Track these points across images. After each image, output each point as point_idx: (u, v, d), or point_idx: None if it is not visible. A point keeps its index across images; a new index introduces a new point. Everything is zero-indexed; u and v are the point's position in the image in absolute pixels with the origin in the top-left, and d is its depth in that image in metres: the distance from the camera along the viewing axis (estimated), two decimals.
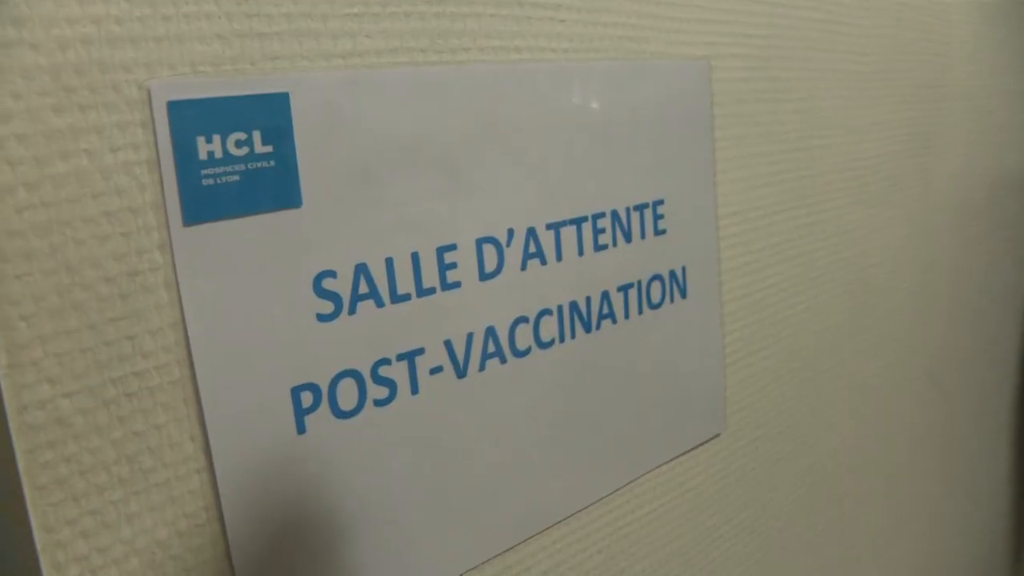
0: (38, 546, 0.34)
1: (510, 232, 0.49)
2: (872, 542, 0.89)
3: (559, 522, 0.54)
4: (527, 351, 0.51)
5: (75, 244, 0.35)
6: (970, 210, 0.98)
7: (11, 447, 0.33)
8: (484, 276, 0.48)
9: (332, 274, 0.42)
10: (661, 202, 0.58)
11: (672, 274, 0.59)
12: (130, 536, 0.37)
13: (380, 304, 0.44)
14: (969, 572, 1.14)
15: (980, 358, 1.08)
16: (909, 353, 0.90)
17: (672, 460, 0.62)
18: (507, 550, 0.52)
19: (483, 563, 0.51)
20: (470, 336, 0.48)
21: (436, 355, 0.46)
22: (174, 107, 0.36)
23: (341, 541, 0.44)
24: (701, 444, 0.64)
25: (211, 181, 0.38)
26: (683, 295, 0.61)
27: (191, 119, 0.37)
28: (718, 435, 0.65)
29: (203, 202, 0.37)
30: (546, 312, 0.52)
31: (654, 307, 0.58)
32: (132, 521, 0.37)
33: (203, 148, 0.37)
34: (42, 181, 0.34)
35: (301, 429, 0.41)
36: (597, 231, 0.54)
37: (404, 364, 0.45)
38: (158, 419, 0.38)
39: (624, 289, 0.56)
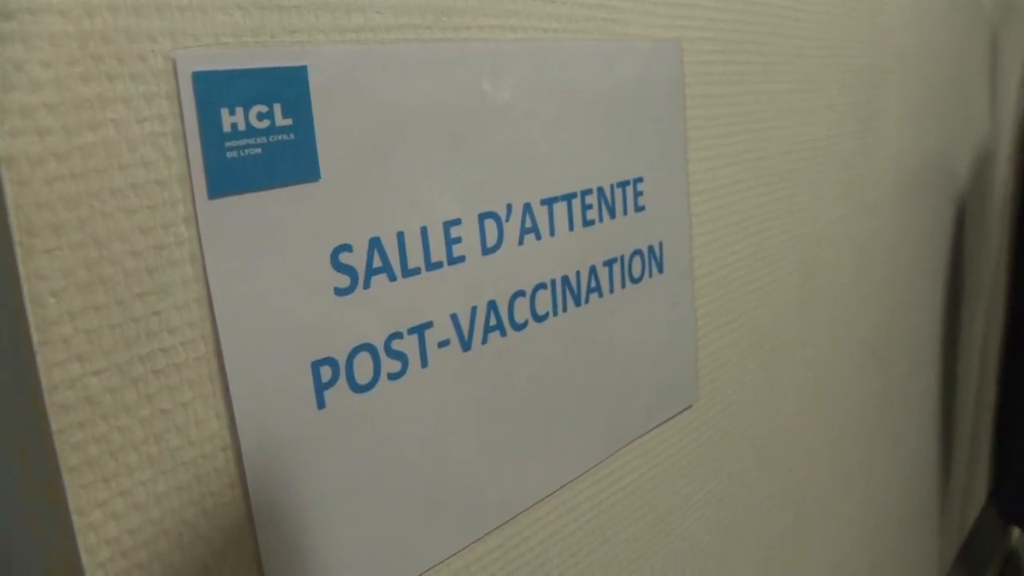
0: (75, 529, 0.34)
1: (508, 207, 0.51)
2: (821, 505, 0.95)
3: (551, 494, 0.56)
4: (524, 324, 0.53)
5: (103, 217, 0.34)
6: (902, 191, 1.05)
7: (47, 429, 0.33)
8: (486, 251, 0.50)
9: (348, 248, 0.42)
10: (640, 179, 0.60)
11: (651, 249, 0.62)
12: (159, 517, 0.37)
13: (392, 278, 0.45)
14: (901, 524, 1.23)
15: (910, 330, 1.16)
16: (851, 327, 0.96)
17: (651, 431, 0.65)
18: (507, 521, 0.53)
19: (486, 534, 0.52)
20: (474, 310, 0.49)
21: (444, 329, 0.48)
22: (199, 78, 0.36)
23: (359, 514, 0.44)
24: (675, 415, 0.67)
25: (235, 154, 0.38)
26: (660, 270, 0.63)
27: (215, 91, 0.37)
28: (690, 406, 0.69)
29: (227, 175, 0.38)
30: (541, 286, 0.53)
31: (635, 281, 0.61)
32: (161, 502, 0.37)
33: (227, 120, 0.37)
34: (71, 152, 0.33)
35: (321, 404, 0.42)
36: (585, 207, 0.56)
37: (415, 338, 0.46)
38: (184, 396, 0.37)
39: (609, 264, 0.58)
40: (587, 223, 0.56)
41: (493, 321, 0.50)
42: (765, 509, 0.82)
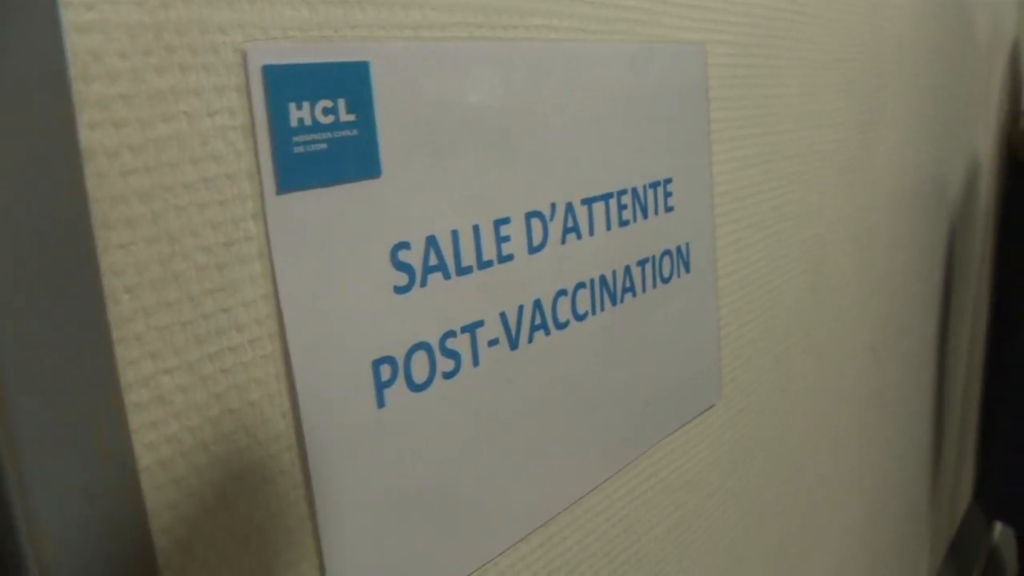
0: (152, 531, 0.32)
1: (553, 207, 0.50)
2: (826, 504, 0.95)
3: (589, 492, 0.56)
4: (566, 324, 0.52)
5: (176, 211, 0.33)
6: (899, 193, 1.06)
7: (125, 427, 0.31)
8: (532, 249, 0.49)
9: (407, 246, 0.41)
10: (670, 180, 0.60)
11: (679, 249, 0.62)
12: (228, 521, 0.36)
13: (447, 276, 0.44)
14: (897, 522, 1.24)
15: (907, 330, 1.17)
16: (854, 327, 0.96)
17: (678, 430, 0.64)
18: (548, 521, 0.53)
19: (530, 533, 0.51)
20: (521, 308, 0.48)
21: (494, 327, 0.47)
22: (269, 71, 0.35)
23: (415, 512, 0.43)
24: (700, 414, 0.67)
25: (302, 149, 0.37)
26: (687, 270, 0.63)
27: (284, 85, 0.36)
28: (713, 405, 0.68)
29: (295, 170, 0.36)
30: (581, 285, 0.53)
31: (665, 281, 0.61)
32: (230, 505, 0.36)
33: (294, 115, 0.36)
34: (146, 144, 0.32)
35: (381, 403, 0.41)
36: (621, 207, 0.56)
37: (467, 336, 0.45)
38: (252, 396, 0.36)
39: (642, 263, 0.58)
40: (622, 223, 0.56)
41: (538, 320, 0.50)
42: (777, 508, 0.82)
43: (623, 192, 0.55)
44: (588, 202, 0.52)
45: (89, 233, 0.29)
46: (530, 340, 0.49)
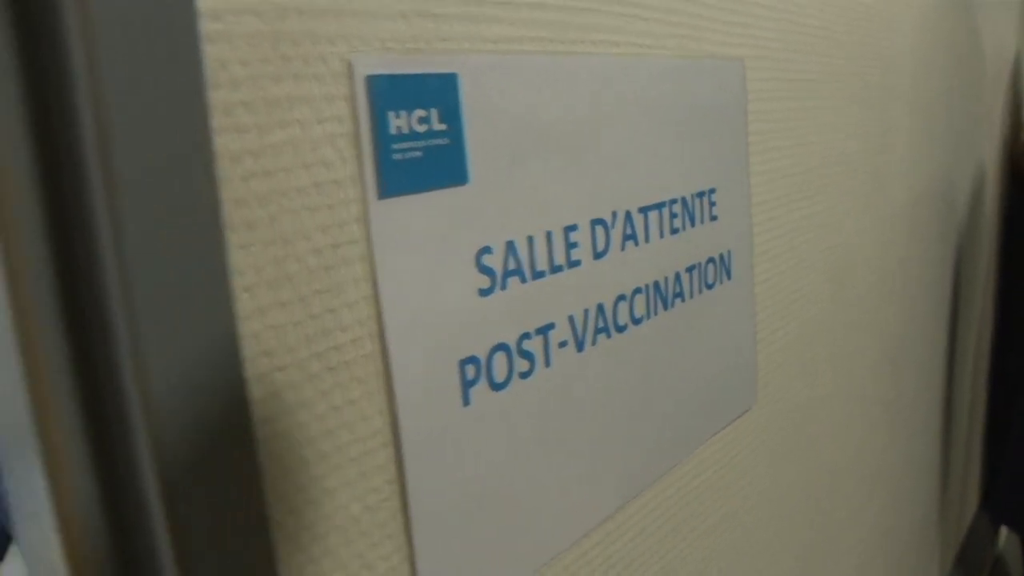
0: (269, 520, 0.33)
1: (614, 214, 0.51)
2: (847, 509, 0.96)
3: (642, 492, 0.57)
4: (625, 327, 0.53)
5: (289, 214, 0.34)
6: (911, 204, 1.08)
7: (254, 426, 0.32)
8: (596, 255, 0.50)
9: (490, 250, 0.42)
10: (714, 190, 0.61)
11: (721, 257, 0.63)
12: (330, 512, 0.36)
13: (524, 280, 0.45)
14: (911, 529, 1.25)
15: (918, 339, 1.19)
16: (871, 336, 0.98)
17: (721, 431, 0.65)
18: (606, 519, 0.53)
19: (592, 529, 0.52)
20: (587, 312, 0.49)
21: (563, 330, 0.48)
22: (372, 81, 0.36)
23: (496, 508, 0.44)
24: (739, 417, 0.68)
25: (400, 156, 0.38)
26: (728, 277, 0.64)
27: (385, 94, 0.37)
28: (750, 408, 0.70)
29: (394, 177, 0.37)
30: (638, 290, 0.54)
31: (709, 287, 0.62)
32: (332, 496, 0.36)
33: (394, 123, 0.37)
34: (264, 149, 0.33)
35: (466, 402, 0.42)
36: (672, 215, 0.57)
37: (541, 338, 0.46)
38: (352, 394, 0.37)
39: (690, 270, 0.59)
40: (673, 231, 0.57)
41: (601, 323, 0.51)
42: (803, 513, 0.83)
43: (674, 201, 0.57)
44: (644, 210, 0.54)
45: (221, 235, 0.30)
46: (594, 343, 0.50)
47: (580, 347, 0.49)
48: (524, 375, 0.45)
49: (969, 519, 1.60)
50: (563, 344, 0.47)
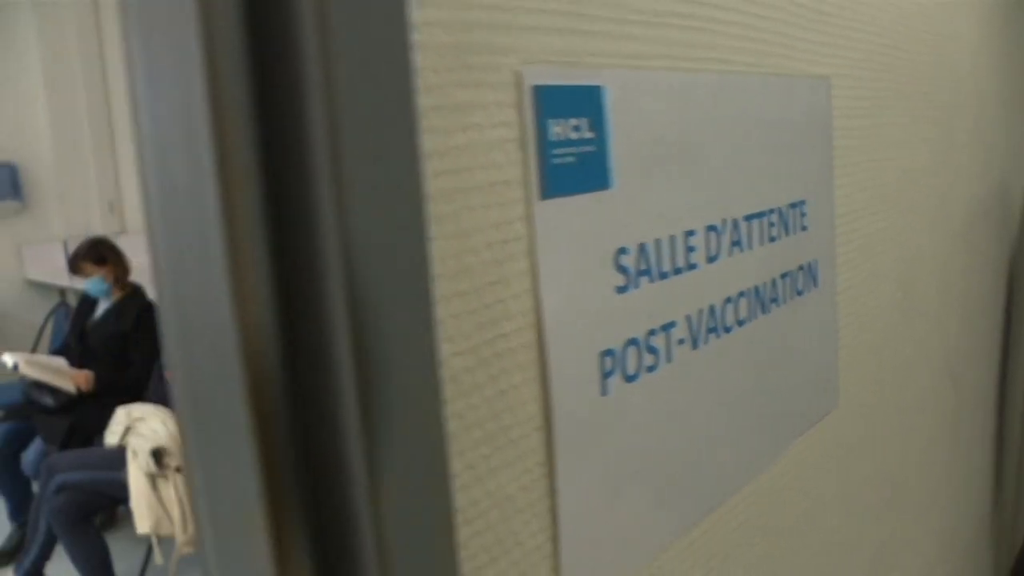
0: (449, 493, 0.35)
1: (724, 222, 0.53)
2: (913, 514, 0.97)
3: (742, 487, 0.58)
4: (730, 328, 0.55)
5: (468, 211, 0.36)
6: (971, 218, 1.10)
7: (442, 408, 0.34)
8: (710, 259, 0.52)
9: (626, 251, 0.45)
10: (804, 202, 0.63)
11: (810, 265, 0.65)
12: (493, 489, 0.38)
13: (652, 280, 0.47)
14: (970, 537, 1.25)
15: (977, 351, 1.20)
16: (934, 347, 0.99)
17: (808, 431, 0.67)
18: (717, 506, 0.55)
19: (704, 516, 0.54)
20: (701, 312, 0.51)
21: (682, 328, 0.50)
22: (538, 91, 0.39)
23: (628, 490, 0.46)
24: (823, 417, 0.70)
25: (559, 161, 0.40)
26: (816, 285, 0.66)
27: (547, 103, 0.39)
28: (833, 410, 0.71)
29: (554, 179, 0.40)
30: (742, 294, 0.56)
31: (799, 294, 0.64)
32: (495, 475, 0.38)
33: (554, 130, 0.40)
34: (449, 150, 0.35)
35: (605, 391, 0.44)
36: (770, 224, 0.59)
37: (664, 335, 0.48)
38: (514, 379, 0.39)
39: (784, 277, 0.61)
40: (771, 239, 0.59)
41: (712, 323, 0.53)
42: (873, 514, 0.84)
43: (772, 211, 0.59)
44: (749, 219, 0.56)
45: (424, 228, 0.33)
46: (706, 341, 0.52)
47: (695, 345, 0.51)
48: (650, 369, 0.47)
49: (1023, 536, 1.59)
50: (681, 342, 0.49)
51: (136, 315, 2.16)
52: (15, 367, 2.06)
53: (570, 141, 0.40)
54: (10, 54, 2.76)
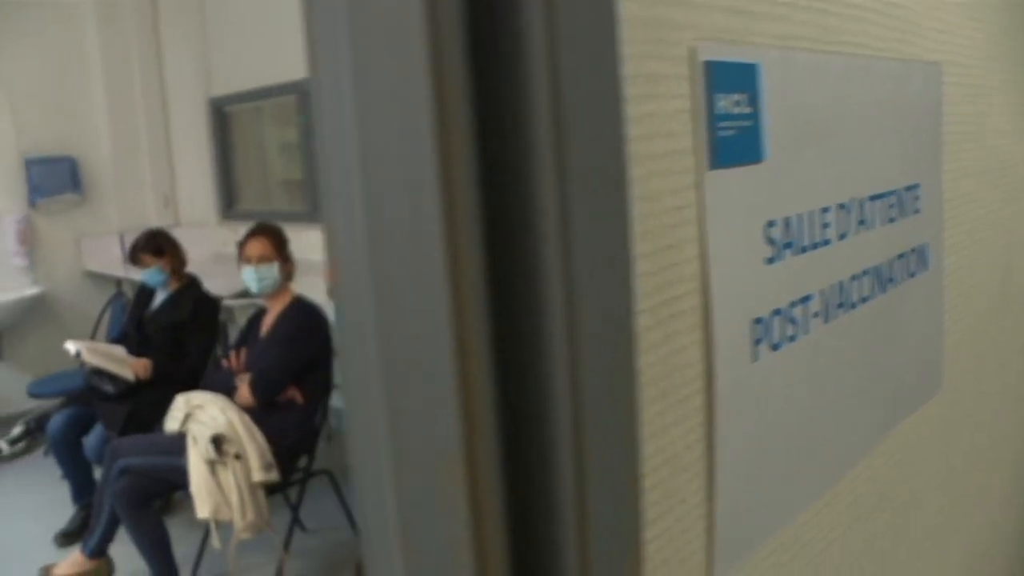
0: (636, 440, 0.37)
1: (852, 200, 0.55)
2: (1001, 502, 0.97)
3: (862, 458, 0.59)
4: (855, 305, 0.56)
5: (652, 176, 0.38)
6: None
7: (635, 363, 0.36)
8: (840, 236, 0.53)
9: (774, 223, 0.46)
10: (918, 186, 0.65)
11: (921, 248, 0.66)
12: (664, 446, 0.40)
13: (795, 254, 0.48)
14: None
15: None
16: None
17: (914, 412, 0.68)
18: (841, 477, 0.56)
19: (831, 485, 0.55)
20: (831, 287, 0.53)
21: (817, 302, 0.51)
22: (709, 66, 0.41)
23: (772, 455, 0.47)
24: (928, 400, 0.70)
25: (724, 133, 0.42)
26: (926, 267, 0.67)
27: (715, 78, 0.41)
28: (938, 393, 0.72)
29: (719, 151, 0.42)
30: (866, 272, 0.57)
31: (911, 275, 0.65)
32: (666, 432, 0.40)
33: (719, 104, 0.42)
34: (640, 118, 0.37)
35: (755, 358, 0.45)
36: (890, 206, 0.60)
37: (802, 307, 0.50)
38: (683, 340, 0.41)
39: (900, 257, 0.62)
40: (890, 220, 0.60)
41: (840, 299, 0.54)
42: (972, 499, 0.85)
43: (891, 193, 0.60)
44: (873, 199, 0.57)
45: (627, 191, 0.34)
46: (836, 316, 0.53)
47: (827, 319, 0.52)
48: (791, 339, 0.48)
49: None
50: (816, 315, 0.51)
51: (192, 305, 2.20)
52: (78, 354, 2.11)
53: (733, 115, 0.42)
54: (72, 54, 2.83)
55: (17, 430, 2.62)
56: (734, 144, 0.42)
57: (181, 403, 2.03)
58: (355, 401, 0.35)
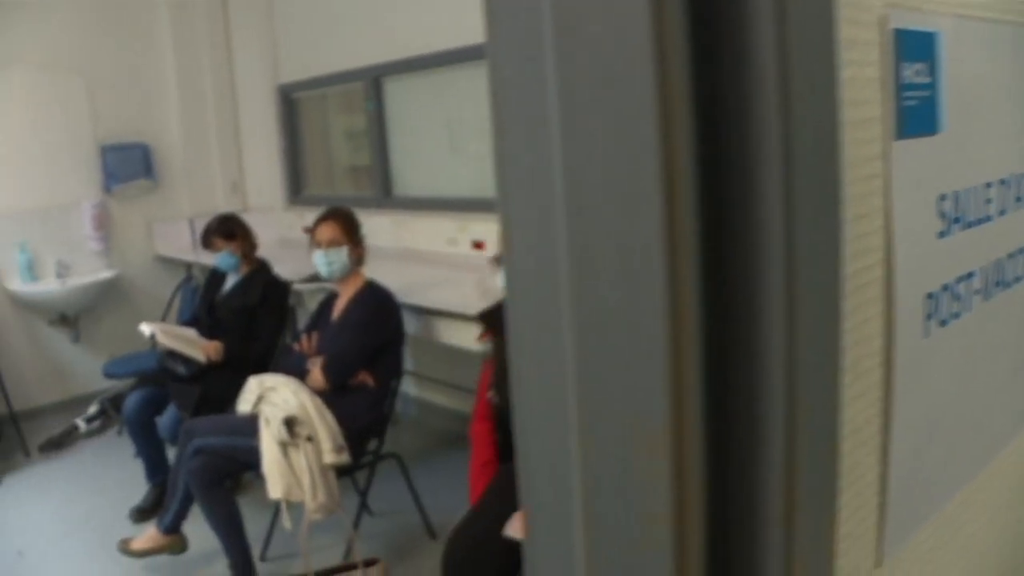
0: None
1: (1011, 176, 0.53)
2: None
3: (1008, 444, 0.58)
4: (1010, 284, 0.55)
5: (846, 144, 0.38)
6: None
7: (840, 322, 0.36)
8: (1000, 212, 0.52)
9: (945, 197, 0.45)
10: None
11: None
12: (849, 418, 0.40)
13: (962, 228, 0.47)
14: None
15: None
16: None
17: None
18: (992, 459, 0.55)
19: (984, 466, 0.54)
20: (992, 264, 0.52)
21: (979, 279, 0.50)
22: (899, 35, 0.40)
23: (936, 433, 0.47)
24: None
25: (909, 103, 0.41)
26: None
27: (902, 46, 0.40)
28: None
29: (905, 120, 0.41)
30: (1021, 251, 0.56)
31: None
32: (852, 404, 0.39)
33: (905, 72, 0.41)
34: (836, 84, 0.37)
35: (925, 334, 0.45)
36: None
37: (966, 284, 0.49)
38: (868, 312, 0.40)
39: None
40: None
41: (999, 277, 0.53)
42: None
43: None
44: None
45: (840, 157, 0.34)
46: (993, 295, 0.52)
47: (986, 296, 0.51)
48: (955, 315, 0.48)
49: None
50: (977, 292, 0.50)
51: (262, 289, 2.24)
52: (152, 336, 2.17)
53: (915, 85, 0.41)
54: (146, 46, 2.91)
55: (93, 409, 2.71)
56: (916, 114, 0.42)
57: (254, 385, 2.06)
58: (527, 366, 0.35)
